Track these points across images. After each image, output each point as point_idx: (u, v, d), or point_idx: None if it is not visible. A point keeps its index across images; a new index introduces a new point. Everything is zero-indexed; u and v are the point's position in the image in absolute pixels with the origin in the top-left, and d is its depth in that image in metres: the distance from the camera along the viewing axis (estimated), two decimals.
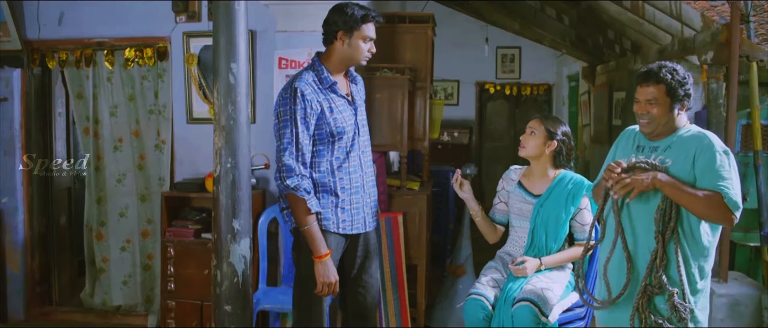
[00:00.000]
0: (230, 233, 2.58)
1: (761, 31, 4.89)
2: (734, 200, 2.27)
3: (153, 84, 4.46)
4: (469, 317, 2.92)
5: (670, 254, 2.36)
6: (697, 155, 2.34)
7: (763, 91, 4.13)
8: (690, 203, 2.30)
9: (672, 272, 2.36)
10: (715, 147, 2.34)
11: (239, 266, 2.60)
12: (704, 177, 2.31)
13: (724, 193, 2.26)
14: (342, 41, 2.72)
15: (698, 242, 2.36)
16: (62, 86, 4.73)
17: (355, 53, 2.75)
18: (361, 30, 2.71)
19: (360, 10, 2.71)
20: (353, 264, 2.91)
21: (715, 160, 2.31)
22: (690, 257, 2.37)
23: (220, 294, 2.60)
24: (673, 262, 2.35)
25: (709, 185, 2.29)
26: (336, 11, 2.73)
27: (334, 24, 2.71)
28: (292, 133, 2.62)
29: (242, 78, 2.55)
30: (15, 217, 4.49)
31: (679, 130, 2.44)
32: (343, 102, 2.79)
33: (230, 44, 2.52)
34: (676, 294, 2.33)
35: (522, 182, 3.16)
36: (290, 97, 2.64)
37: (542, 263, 2.99)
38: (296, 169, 2.61)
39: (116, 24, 4.34)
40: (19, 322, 4.47)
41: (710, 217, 2.33)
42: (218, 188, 2.58)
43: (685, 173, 2.35)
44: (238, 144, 2.56)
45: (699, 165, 2.33)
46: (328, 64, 2.77)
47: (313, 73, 2.74)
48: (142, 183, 4.54)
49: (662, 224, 2.36)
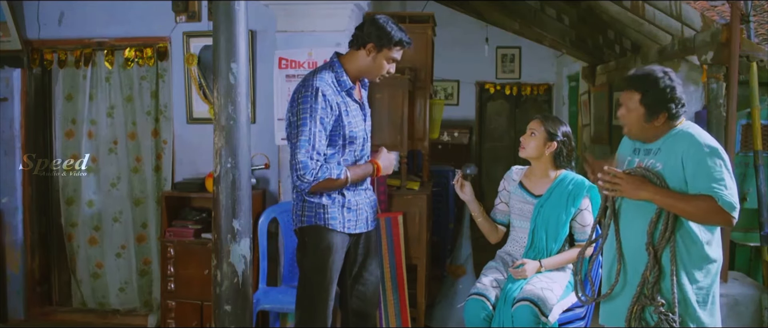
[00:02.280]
0: (230, 233, 2.57)
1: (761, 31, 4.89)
2: (729, 201, 2.20)
3: (151, 84, 4.46)
4: (470, 317, 2.92)
5: (664, 266, 2.32)
6: (685, 158, 2.28)
7: (763, 91, 4.14)
8: (684, 211, 2.25)
9: (665, 283, 2.32)
10: (702, 148, 2.26)
11: (239, 266, 2.60)
12: (695, 180, 2.25)
13: (718, 195, 2.19)
14: (368, 52, 2.73)
15: (696, 242, 2.32)
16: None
17: (374, 69, 2.77)
18: (391, 50, 2.74)
19: (398, 33, 2.72)
20: (355, 262, 2.92)
21: (704, 162, 2.24)
22: (688, 264, 2.32)
23: (220, 294, 2.60)
24: (668, 273, 2.30)
25: (702, 189, 2.23)
26: (374, 23, 2.73)
27: (368, 34, 2.72)
28: (310, 131, 2.62)
29: (242, 78, 2.55)
30: (15, 217, 4.49)
31: (672, 130, 2.38)
32: (356, 107, 2.81)
33: (230, 44, 2.52)
34: (662, 306, 2.29)
35: (523, 182, 3.16)
36: (311, 96, 2.64)
37: (542, 266, 2.99)
38: (310, 164, 2.62)
39: (116, 24, 4.34)
40: (19, 322, 4.47)
41: (707, 221, 2.28)
42: (218, 188, 2.58)
43: (676, 176, 2.30)
44: (238, 144, 2.56)
45: (688, 168, 2.27)
46: (348, 68, 2.78)
47: (332, 74, 2.74)
48: (137, 187, 4.53)
49: (654, 236, 2.31)
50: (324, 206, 2.73)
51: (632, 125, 2.41)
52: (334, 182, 2.68)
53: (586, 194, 3.01)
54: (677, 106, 2.35)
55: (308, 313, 2.80)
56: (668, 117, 2.36)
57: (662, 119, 2.35)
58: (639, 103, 2.36)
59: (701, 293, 2.36)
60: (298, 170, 2.63)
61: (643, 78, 2.37)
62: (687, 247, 2.33)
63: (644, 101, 2.35)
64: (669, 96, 2.33)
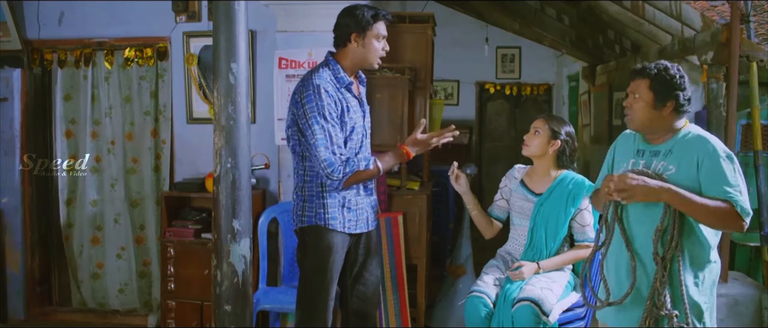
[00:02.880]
0: (230, 233, 2.57)
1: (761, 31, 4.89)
2: (745, 208, 2.21)
3: (150, 84, 4.45)
4: (471, 314, 2.92)
5: (673, 274, 2.28)
6: (701, 161, 2.25)
7: (763, 91, 4.13)
8: (699, 213, 2.22)
9: (675, 292, 2.29)
10: (719, 153, 2.25)
11: (239, 266, 2.59)
12: (710, 185, 2.23)
13: (735, 201, 2.19)
14: (356, 43, 2.75)
15: (704, 246, 2.30)
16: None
17: (369, 54, 2.77)
18: (374, 29, 2.75)
19: (370, 11, 2.74)
20: (356, 262, 2.93)
21: (721, 167, 2.23)
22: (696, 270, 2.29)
23: (220, 294, 2.60)
24: (677, 281, 2.27)
25: (717, 193, 2.21)
26: (346, 15, 2.76)
27: (347, 27, 2.74)
28: (324, 129, 2.63)
29: (242, 78, 2.55)
30: (15, 217, 4.49)
31: (679, 132, 2.35)
32: (356, 103, 2.82)
33: (230, 44, 2.51)
34: (676, 317, 2.26)
35: (524, 180, 3.16)
36: (314, 94, 2.65)
37: (540, 267, 2.99)
38: (335, 161, 2.63)
39: (116, 24, 4.34)
40: (19, 322, 4.47)
41: (720, 226, 2.27)
42: (218, 188, 2.58)
43: (690, 180, 2.26)
44: (238, 144, 2.56)
45: (703, 172, 2.25)
46: (343, 64, 2.79)
47: (330, 72, 2.76)
48: (134, 188, 4.52)
49: (661, 246, 2.28)
50: (324, 206, 2.73)
51: (638, 113, 2.36)
52: (363, 174, 2.70)
53: (586, 194, 3.01)
54: (684, 98, 2.33)
55: (308, 313, 2.80)
56: (674, 108, 2.33)
57: (669, 108, 2.32)
58: (648, 89, 2.33)
59: (709, 298, 2.34)
60: (325, 170, 2.63)
61: (653, 65, 2.36)
62: (695, 253, 2.31)
63: (653, 87, 2.32)
64: (678, 84, 2.32)
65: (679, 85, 2.32)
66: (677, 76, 2.33)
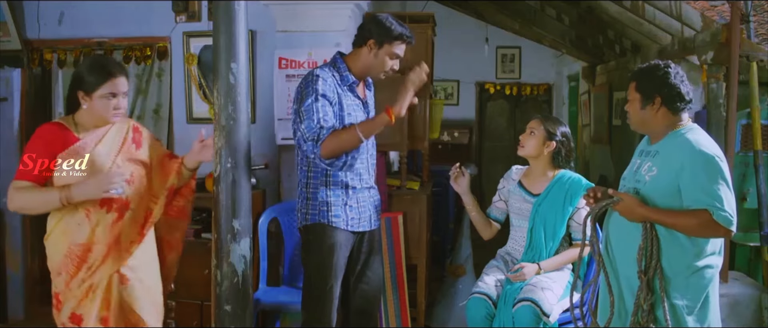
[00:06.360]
0: (230, 233, 2.58)
1: (761, 31, 4.89)
2: (724, 216, 2.13)
3: (150, 84, 4.43)
4: (472, 315, 2.93)
5: (656, 291, 2.26)
6: (683, 166, 2.21)
7: (763, 91, 4.13)
8: (679, 225, 2.21)
9: (658, 311, 2.27)
10: (697, 157, 2.20)
11: (239, 266, 2.60)
12: (688, 192, 2.19)
13: (712, 209, 2.13)
14: (370, 49, 2.73)
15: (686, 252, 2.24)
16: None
17: (376, 65, 2.76)
18: (392, 46, 2.73)
19: (398, 28, 2.72)
20: (358, 260, 2.92)
21: (700, 174, 2.17)
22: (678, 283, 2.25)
23: (220, 294, 2.60)
24: (659, 298, 2.25)
25: (694, 202, 2.17)
26: (374, 20, 2.75)
27: (369, 31, 2.73)
28: (313, 106, 2.61)
29: (242, 78, 2.55)
30: (15, 217, 4.48)
31: (672, 132, 2.33)
32: (358, 104, 2.81)
33: (230, 44, 2.52)
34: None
35: (522, 181, 3.17)
36: (311, 80, 2.66)
37: (541, 268, 2.99)
38: (315, 126, 2.59)
39: (116, 24, 4.34)
40: (19, 322, 4.46)
41: (703, 235, 2.22)
42: (218, 188, 2.58)
43: (669, 184, 2.23)
44: (238, 144, 2.56)
45: (685, 177, 2.20)
46: (351, 66, 2.78)
47: (334, 70, 2.76)
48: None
49: (644, 263, 2.26)
50: (328, 204, 2.73)
51: (631, 115, 2.41)
52: (340, 136, 2.61)
53: (583, 193, 3.01)
54: (672, 93, 2.29)
55: (314, 314, 2.80)
56: (664, 105, 2.30)
57: (657, 105, 2.31)
58: (635, 90, 2.36)
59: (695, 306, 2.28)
60: (305, 137, 2.60)
61: (645, 67, 2.39)
62: (674, 267, 2.26)
63: (638, 87, 2.35)
64: (662, 81, 2.30)
65: (664, 81, 2.30)
66: (662, 72, 2.31)
